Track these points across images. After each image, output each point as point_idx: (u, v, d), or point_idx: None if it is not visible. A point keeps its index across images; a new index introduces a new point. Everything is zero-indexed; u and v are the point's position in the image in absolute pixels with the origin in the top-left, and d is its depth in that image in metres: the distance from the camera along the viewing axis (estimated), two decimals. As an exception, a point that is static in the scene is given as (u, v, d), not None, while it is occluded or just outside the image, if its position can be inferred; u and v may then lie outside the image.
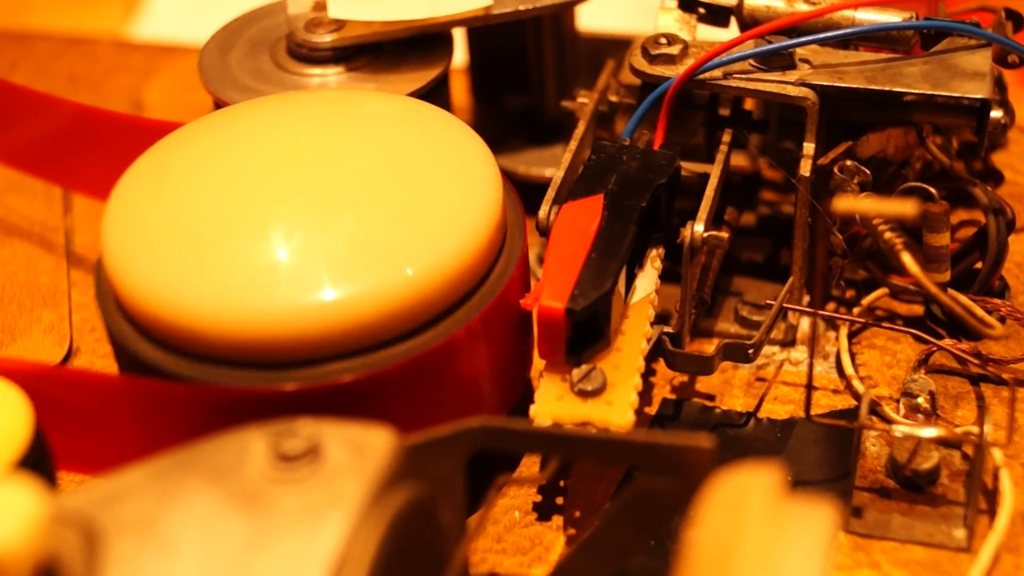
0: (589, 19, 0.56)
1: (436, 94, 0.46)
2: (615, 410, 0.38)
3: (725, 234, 0.41)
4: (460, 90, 0.55)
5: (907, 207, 0.33)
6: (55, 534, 0.29)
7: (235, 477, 0.31)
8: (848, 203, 0.33)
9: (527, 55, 0.51)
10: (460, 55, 0.53)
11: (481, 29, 0.51)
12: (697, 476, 0.32)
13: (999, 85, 0.47)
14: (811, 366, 0.38)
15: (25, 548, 0.27)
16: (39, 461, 0.35)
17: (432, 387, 0.37)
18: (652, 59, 0.44)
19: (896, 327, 0.43)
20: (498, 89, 0.54)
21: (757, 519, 0.27)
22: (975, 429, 0.40)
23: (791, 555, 0.27)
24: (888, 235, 0.39)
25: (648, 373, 0.44)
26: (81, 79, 0.62)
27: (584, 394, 0.38)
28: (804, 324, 0.46)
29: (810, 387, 0.39)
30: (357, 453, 0.31)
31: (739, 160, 0.49)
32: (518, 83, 0.53)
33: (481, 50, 0.54)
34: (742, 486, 0.28)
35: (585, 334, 0.39)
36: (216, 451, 0.31)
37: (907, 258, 0.38)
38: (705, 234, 0.40)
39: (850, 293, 0.46)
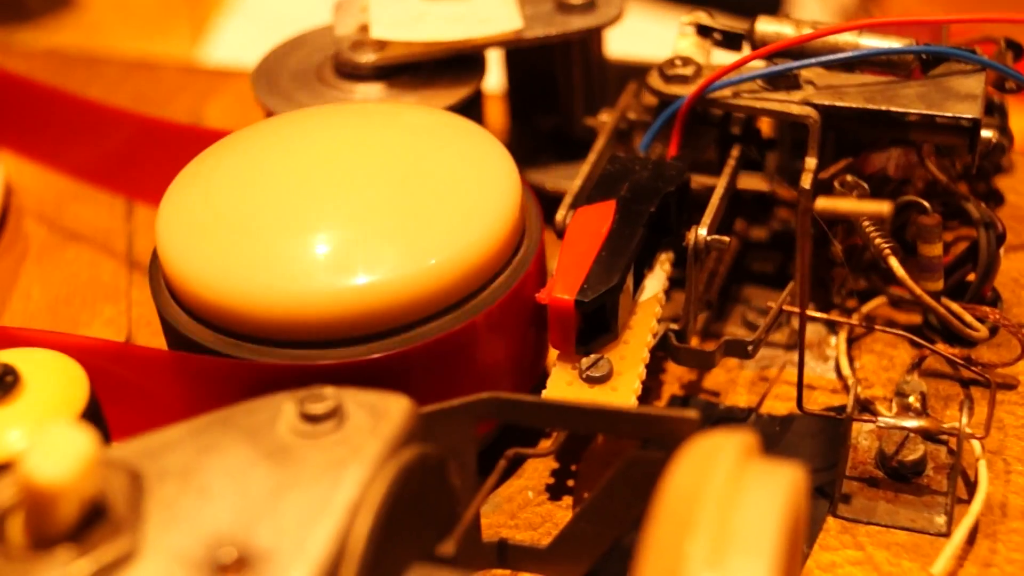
0: (620, 45, 0.59)
1: (470, 110, 0.50)
2: (619, 395, 0.41)
3: (727, 239, 0.44)
4: (499, 113, 0.59)
5: (883, 206, 0.36)
6: (104, 475, 0.32)
7: (266, 434, 0.34)
8: (827, 202, 0.37)
9: (557, 79, 0.55)
10: (500, 81, 0.57)
11: (516, 56, 0.55)
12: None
13: (999, 111, 0.51)
14: (801, 363, 0.41)
15: (78, 483, 0.31)
16: (94, 423, 0.39)
17: (452, 367, 0.41)
18: (667, 79, 0.48)
19: (890, 330, 0.46)
20: (532, 110, 0.58)
21: (723, 473, 0.30)
22: (957, 424, 0.43)
23: (748, 505, 0.30)
24: (878, 241, 0.42)
25: (658, 370, 0.48)
26: (146, 100, 0.66)
27: (592, 380, 0.41)
28: (808, 330, 0.49)
29: (800, 382, 0.42)
30: (375, 416, 0.34)
31: (756, 182, 0.53)
32: (549, 105, 0.56)
33: (517, 75, 0.57)
34: (714, 444, 0.31)
35: (594, 326, 0.42)
36: (250, 412, 0.35)
37: (894, 262, 0.41)
38: (708, 238, 0.44)
39: (852, 303, 0.49)
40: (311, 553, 0.31)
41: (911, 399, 0.45)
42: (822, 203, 0.36)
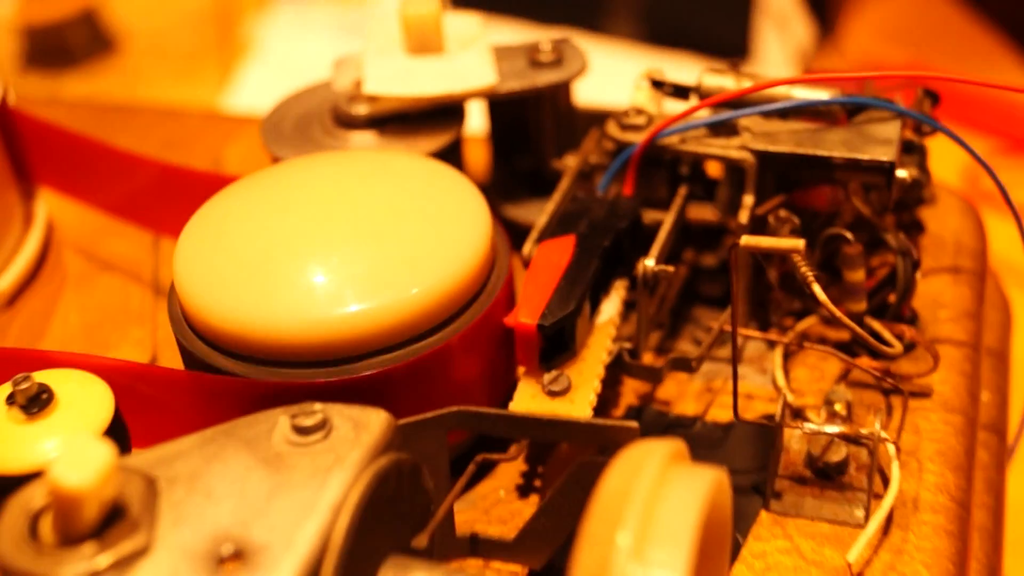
0: (592, 94, 0.61)
1: (451, 154, 0.53)
2: (576, 406, 0.43)
3: (671, 268, 0.46)
4: (482, 154, 0.62)
5: (798, 243, 0.38)
6: (123, 480, 0.35)
7: (263, 444, 0.36)
8: (751, 240, 0.39)
9: (530, 125, 0.57)
10: (484, 126, 0.60)
11: (496, 105, 0.58)
12: (625, 451, 0.37)
13: (919, 151, 0.53)
14: (735, 376, 0.43)
15: (99, 488, 0.33)
16: (118, 435, 0.42)
17: (433, 382, 0.43)
18: (624, 128, 0.50)
19: (819, 347, 0.48)
20: (511, 152, 0.60)
21: (650, 475, 0.32)
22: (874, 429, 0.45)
23: (671, 503, 0.32)
24: (804, 270, 0.44)
25: (617, 383, 0.50)
26: (173, 144, 0.69)
27: (553, 394, 0.44)
28: (750, 346, 0.51)
29: (735, 393, 0.44)
30: (358, 428, 0.36)
31: (707, 213, 0.55)
32: (525, 147, 0.58)
33: (497, 121, 0.59)
34: (645, 450, 0.34)
35: (555, 345, 0.44)
36: (250, 424, 0.37)
37: (816, 288, 0.43)
38: (655, 268, 0.46)
39: (788, 321, 0.51)
40: (299, 547, 0.33)
41: (838, 407, 0.47)
42: (746, 240, 0.39)
